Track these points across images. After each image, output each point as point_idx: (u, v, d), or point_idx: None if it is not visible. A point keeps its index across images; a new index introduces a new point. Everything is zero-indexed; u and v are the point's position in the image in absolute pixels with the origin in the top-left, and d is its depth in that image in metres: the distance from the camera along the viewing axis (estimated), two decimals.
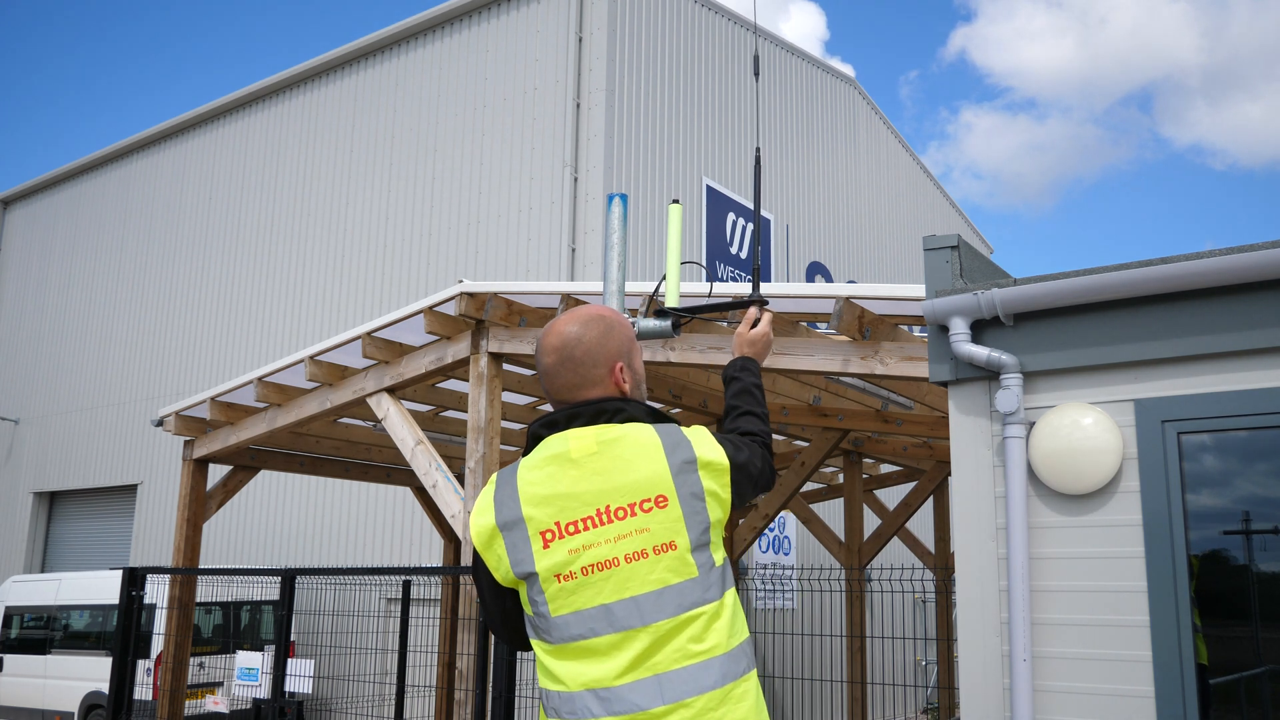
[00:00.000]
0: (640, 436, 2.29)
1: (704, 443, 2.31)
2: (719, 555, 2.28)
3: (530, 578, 2.24)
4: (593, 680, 2.17)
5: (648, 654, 2.16)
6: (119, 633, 8.92)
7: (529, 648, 2.38)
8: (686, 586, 2.20)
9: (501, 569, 2.28)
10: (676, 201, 3.21)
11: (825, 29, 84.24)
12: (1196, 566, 3.75)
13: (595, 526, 2.21)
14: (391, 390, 8.05)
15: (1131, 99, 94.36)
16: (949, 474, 8.63)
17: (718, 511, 2.28)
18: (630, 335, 2.48)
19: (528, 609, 2.29)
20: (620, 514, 2.21)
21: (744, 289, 5.38)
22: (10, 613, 14.16)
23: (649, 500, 2.22)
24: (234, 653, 9.33)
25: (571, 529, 2.22)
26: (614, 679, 2.16)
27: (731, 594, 2.27)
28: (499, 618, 2.39)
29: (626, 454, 2.26)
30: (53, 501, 21.31)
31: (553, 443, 2.32)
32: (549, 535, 2.23)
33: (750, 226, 16.55)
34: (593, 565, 2.20)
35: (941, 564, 12.29)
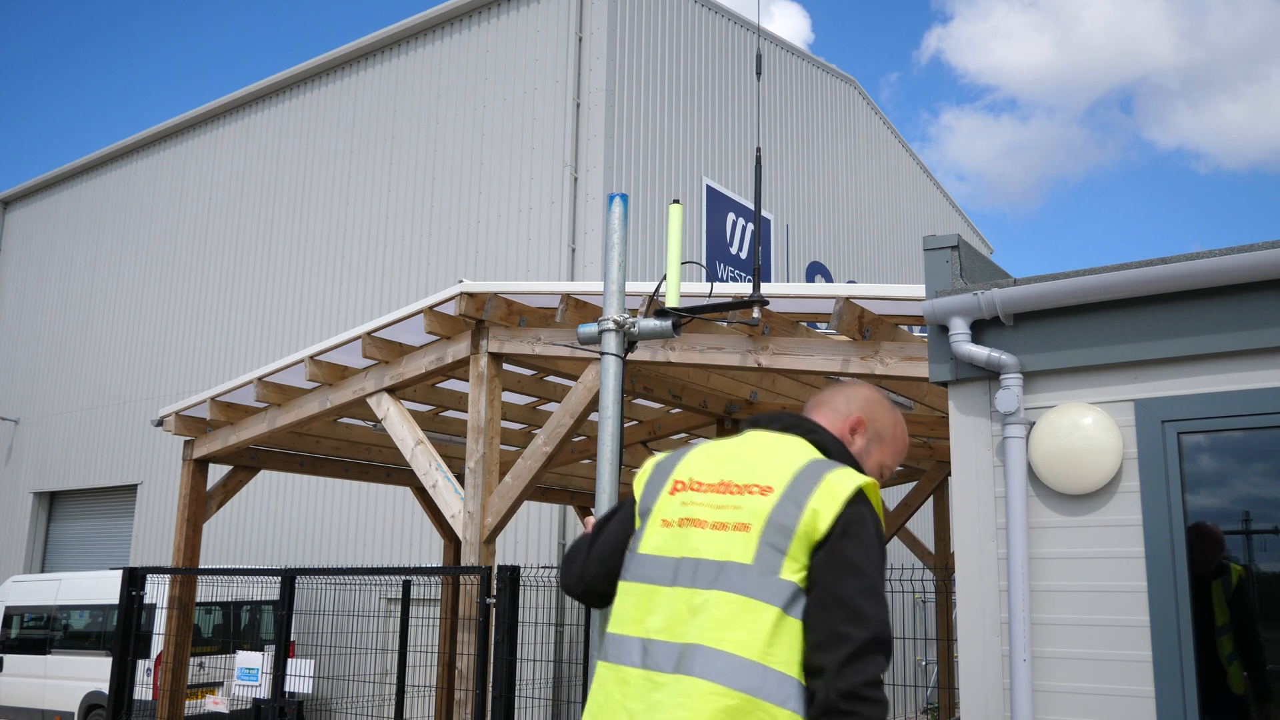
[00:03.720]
0: (797, 457, 2.33)
1: (831, 496, 2.20)
2: (791, 576, 2.16)
3: (647, 514, 2.40)
4: (641, 628, 2.23)
5: (689, 616, 2.17)
6: (119, 633, 8.92)
7: (580, 592, 2.53)
8: (746, 571, 2.17)
9: (638, 498, 2.47)
10: (677, 201, 3.21)
11: (810, 31, 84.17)
12: (1241, 575, 3.70)
13: (709, 492, 2.32)
14: (391, 390, 8.05)
15: (1113, 99, 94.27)
16: (949, 474, 8.63)
17: (800, 556, 2.18)
18: (891, 438, 2.60)
19: (634, 542, 2.41)
20: (731, 490, 2.30)
21: (744, 289, 5.38)
22: (10, 613, 14.16)
23: (759, 487, 2.27)
24: (234, 653, 9.33)
25: (696, 486, 2.36)
26: (657, 632, 2.20)
27: (796, 623, 2.13)
28: (597, 544, 2.51)
29: (777, 457, 2.34)
30: (53, 501, 21.31)
31: (743, 433, 2.51)
32: (679, 486, 2.38)
33: (750, 226, 16.55)
34: (687, 519, 2.30)
35: (941, 564, 12.29)
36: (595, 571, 2.50)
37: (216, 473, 9.93)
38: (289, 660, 7.99)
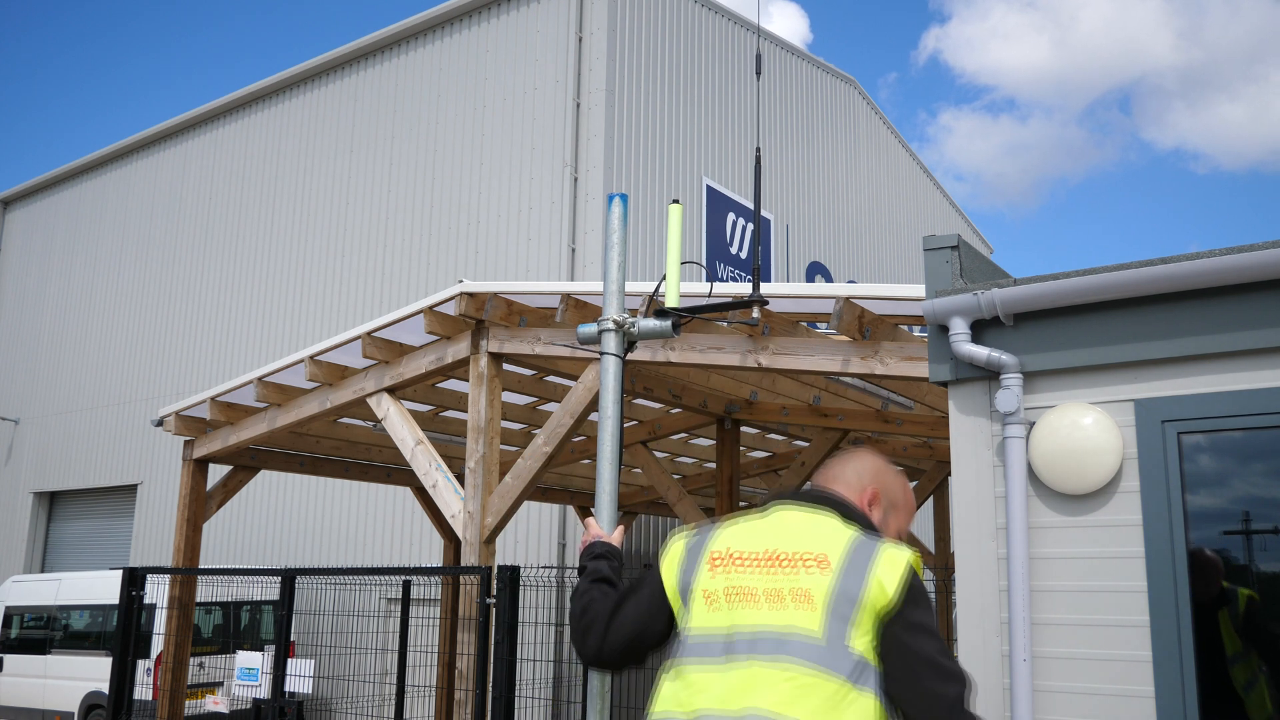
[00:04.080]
0: (838, 530, 2.34)
1: (892, 567, 2.22)
2: (858, 645, 2.16)
3: (688, 592, 2.37)
4: (690, 707, 2.20)
5: (747, 689, 2.14)
6: (119, 633, 8.93)
7: (599, 665, 2.54)
8: (814, 641, 2.16)
9: (670, 579, 2.44)
10: (676, 201, 3.21)
11: (808, 31, 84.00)
12: (1251, 598, 3.63)
13: (755, 564, 2.31)
14: (391, 390, 8.05)
15: (1111, 100, 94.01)
16: (949, 474, 8.63)
17: (866, 625, 2.19)
18: (904, 504, 2.60)
19: (679, 623, 2.38)
20: (782, 561, 2.29)
21: (744, 289, 5.38)
22: (10, 613, 14.16)
23: (812, 558, 2.26)
24: (234, 653, 9.33)
25: (737, 559, 2.34)
26: (712, 705, 2.17)
27: (872, 699, 2.13)
28: (618, 619, 2.49)
29: (818, 530, 2.34)
30: (53, 501, 21.31)
31: (770, 509, 2.49)
32: (717, 560, 2.37)
33: (750, 226, 16.55)
34: (735, 590, 2.29)
35: (941, 564, 12.30)
36: (615, 646, 2.50)
37: (216, 473, 9.93)
38: (289, 660, 7.99)
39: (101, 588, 13.02)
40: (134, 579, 9.01)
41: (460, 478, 10.35)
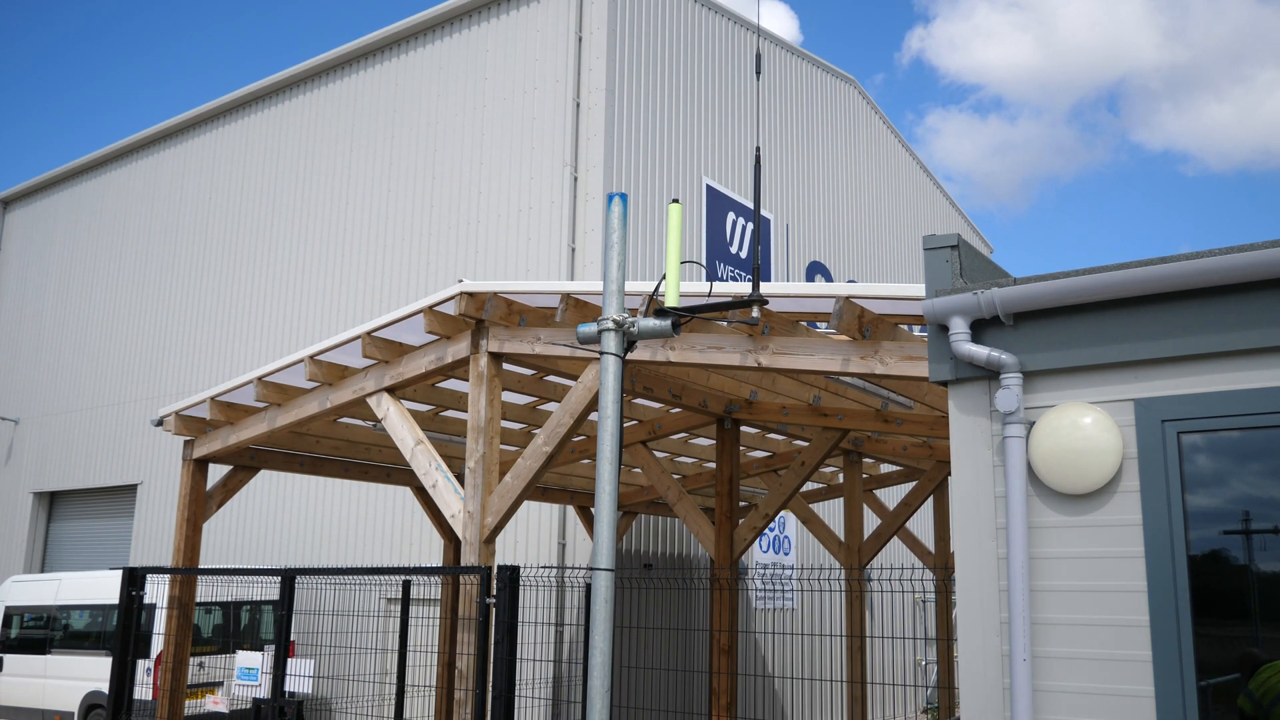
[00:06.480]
0: None
1: None
2: None
3: None
4: None
5: None
6: (119, 633, 8.93)
7: None
8: None
9: None
10: (676, 201, 3.21)
11: (799, 31, 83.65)
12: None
13: None
14: (391, 390, 8.06)
15: (1099, 100, 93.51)
16: (949, 474, 8.63)
17: None
18: None
19: None
20: None
21: (744, 289, 5.38)
22: (10, 613, 14.16)
23: None
24: (234, 653, 9.33)
25: None
26: None
27: None
28: None
29: None
30: (53, 501, 21.31)
31: None
32: None
33: (750, 226, 16.55)
34: None
35: (941, 564, 12.30)
36: None
37: (216, 473, 9.93)
38: (289, 660, 7.99)
39: (101, 588, 13.03)
40: (134, 579, 9.02)
41: (460, 478, 10.37)
